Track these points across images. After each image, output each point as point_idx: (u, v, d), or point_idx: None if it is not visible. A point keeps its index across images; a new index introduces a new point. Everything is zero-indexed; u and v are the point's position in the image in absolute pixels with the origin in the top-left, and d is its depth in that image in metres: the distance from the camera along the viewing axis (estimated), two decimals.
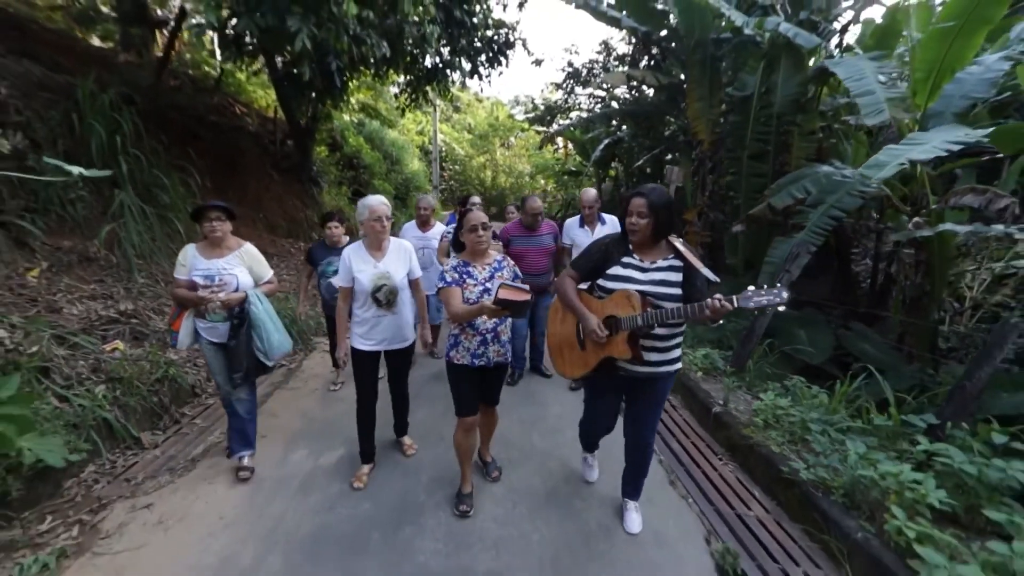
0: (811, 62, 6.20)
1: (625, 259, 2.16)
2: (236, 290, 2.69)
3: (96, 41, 8.13)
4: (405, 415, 3.14)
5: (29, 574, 2.01)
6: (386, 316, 2.70)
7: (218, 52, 10.25)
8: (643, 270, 2.13)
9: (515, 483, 2.85)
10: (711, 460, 3.11)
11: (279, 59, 6.32)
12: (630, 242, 2.17)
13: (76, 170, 2.16)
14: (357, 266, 2.65)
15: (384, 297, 2.66)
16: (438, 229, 4.38)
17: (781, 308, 1.84)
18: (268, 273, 2.90)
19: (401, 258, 2.77)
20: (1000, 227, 3.99)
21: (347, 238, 3.72)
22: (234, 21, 4.24)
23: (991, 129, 3.43)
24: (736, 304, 1.83)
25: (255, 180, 7.48)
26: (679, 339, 2.20)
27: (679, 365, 2.25)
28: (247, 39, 3.92)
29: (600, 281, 2.21)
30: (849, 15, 6.70)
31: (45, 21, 7.04)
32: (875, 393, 3.53)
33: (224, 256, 2.71)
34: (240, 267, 2.74)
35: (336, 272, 2.88)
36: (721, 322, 5.55)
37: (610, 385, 2.33)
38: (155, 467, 2.85)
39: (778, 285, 1.84)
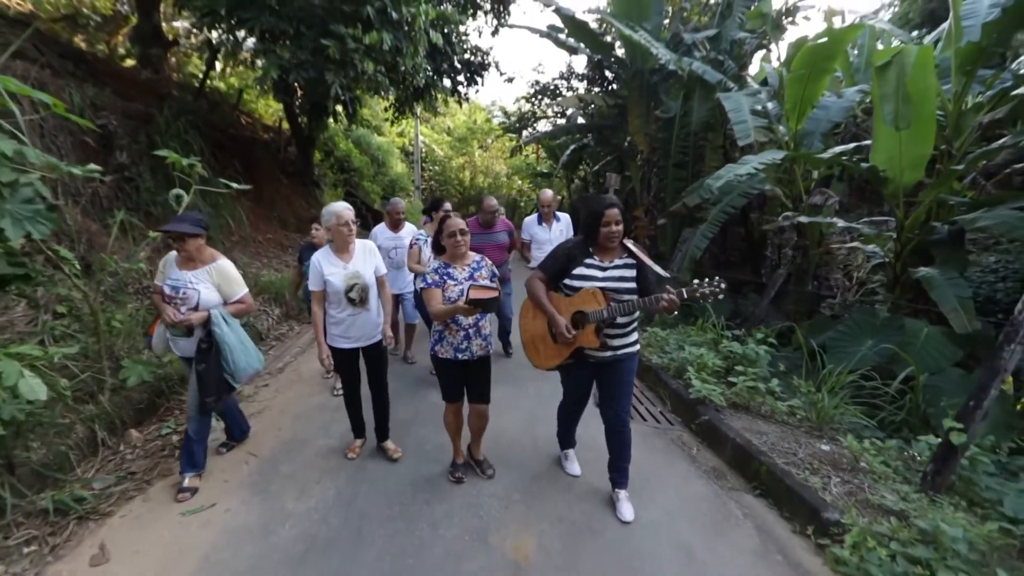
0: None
1: (587, 260, 2.54)
2: (196, 306, 2.71)
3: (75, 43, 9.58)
4: (386, 417, 3.25)
5: None
6: (361, 313, 2.97)
7: (218, 67, 11.98)
8: (603, 269, 2.53)
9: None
10: None
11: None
12: (595, 246, 2.55)
13: (235, 185, 4.00)
14: (328, 269, 2.88)
15: (357, 295, 2.91)
16: (409, 230, 4.73)
17: (720, 297, 2.30)
18: (240, 292, 2.87)
19: (368, 257, 3.02)
20: (828, 218, 6.05)
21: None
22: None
23: (787, 154, 5.42)
24: (685, 296, 2.28)
25: (268, 183, 9.25)
26: (635, 324, 2.65)
27: (638, 347, 2.71)
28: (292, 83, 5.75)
29: (566, 281, 2.57)
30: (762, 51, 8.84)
31: (48, 32, 8.57)
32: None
33: (194, 269, 2.75)
34: (206, 283, 2.74)
35: None
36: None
37: (582, 369, 2.71)
38: None
39: (716, 279, 2.31)
